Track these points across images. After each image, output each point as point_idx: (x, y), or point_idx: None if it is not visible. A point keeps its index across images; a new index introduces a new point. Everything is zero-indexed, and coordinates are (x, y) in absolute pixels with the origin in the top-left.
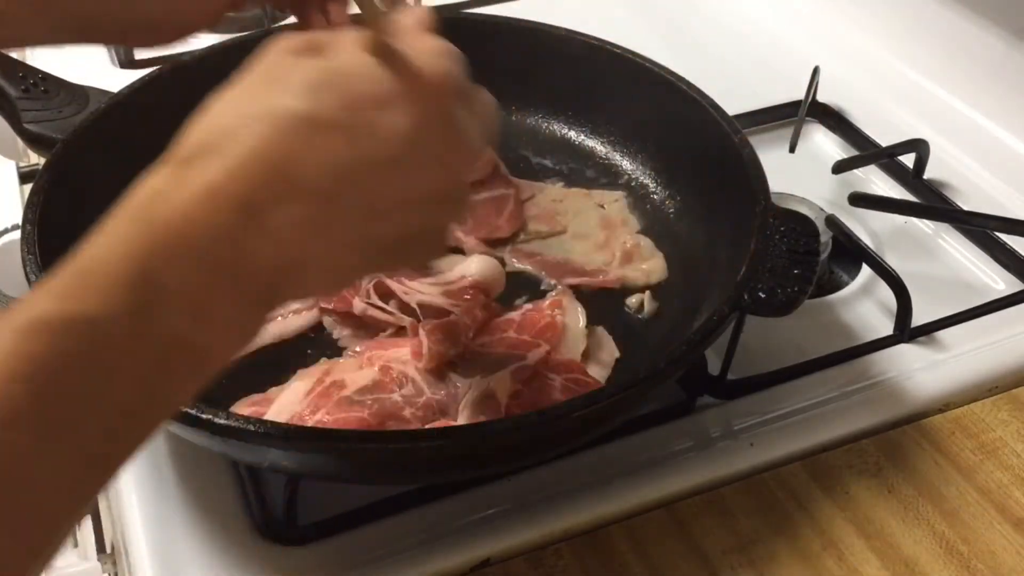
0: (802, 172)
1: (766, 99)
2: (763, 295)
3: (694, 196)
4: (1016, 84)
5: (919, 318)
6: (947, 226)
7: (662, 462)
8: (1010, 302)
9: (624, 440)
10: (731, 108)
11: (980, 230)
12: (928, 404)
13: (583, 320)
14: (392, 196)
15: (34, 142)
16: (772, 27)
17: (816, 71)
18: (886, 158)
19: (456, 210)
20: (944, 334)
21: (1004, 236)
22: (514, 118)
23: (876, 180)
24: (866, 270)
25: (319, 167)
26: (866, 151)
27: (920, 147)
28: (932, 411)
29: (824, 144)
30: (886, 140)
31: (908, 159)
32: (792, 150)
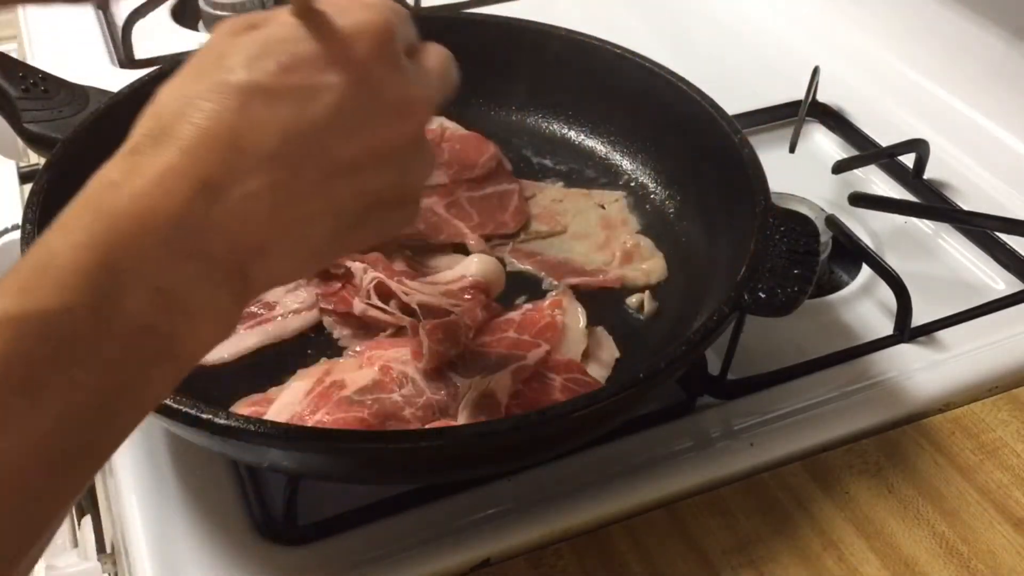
0: (802, 172)
1: (766, 99)
2: (763, 295)
3: (694, 196)
4: (1016, 84)
5: (919, 318)
6: (947, 226)
7: (662, 462)
8: (1010, 302)
9: (624, 440)
10: (731, 108)
11: (980, 230)
12: (928, 404)
13: (583, 320)
14: (347, 154)
15: (34, 142)
16: (772, 27)
17: (816, 71)
18: (886, 158)
19: (419, 166)
20: (944, 334)
21: (1004, 236)
22: (514, 118)
23: (876, 180)
24: (866, 270)
25: (270, 135)
26: (866, 151)
27: (920, 147)
28: (932, 411)
29: (824, 144)
30: (886, 140)
31: (908, 159)
32: (792, 150)
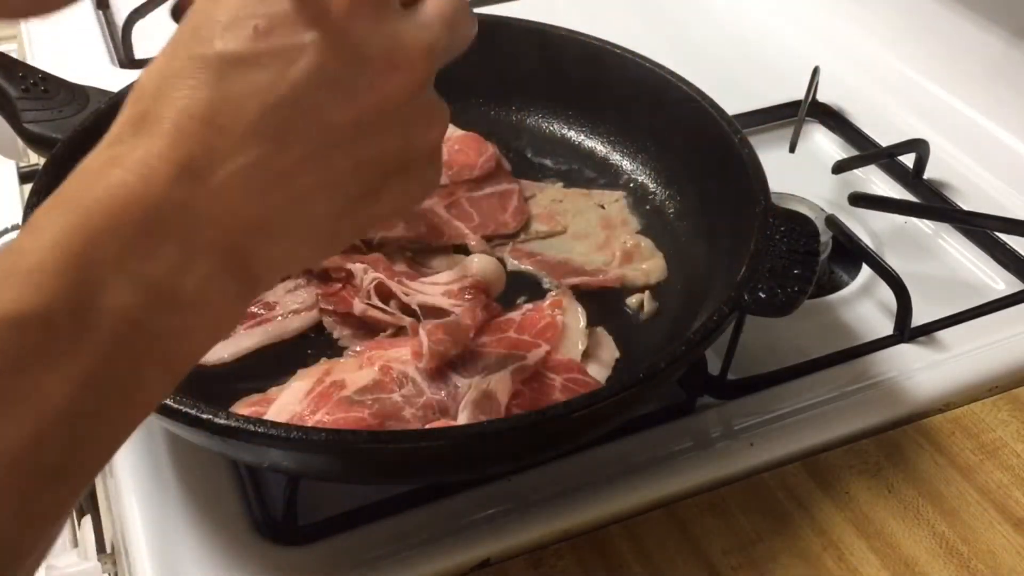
0: (802, 172)
1: (766, 99)
2: (763, 295)
3: (694, 196)
4: (1016, 84)
5: (919, 318)
6: (947, 226)
7: (662, 462)
8: (1010, 302)
9: (624, 440)
10: (731, 108)
11: (980, 230)
12: (928, 404)
13: (583, 320)
14: (337, 119)
15: (34, 142)
16: (772, 27)
17: (816, 71)
18: (886, 158)
19: (423, 123)
20: (944, 334)
21: (1004, 236)
22: (514, 118)
23: (876, 180)
24: (866, 270)
25: (249, 108)
26: (866, 151)
27: (920, 147)
28: (932, 411)
29: (824, 144)
30: (886, 140)
31: (908, 159)
32: (792, 150)
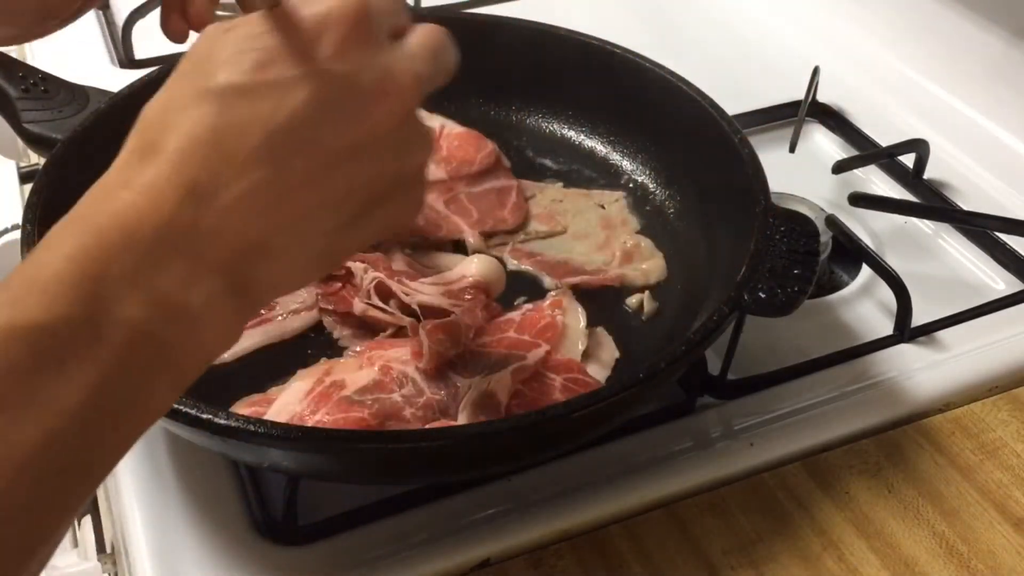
0: (802, 172)
1: (766, 99)
2: (763, 295)
3: (694, 196)
4: (1016, 84)
5: (919, 318)
6: (947, 226)
7: (662, 462)
8: (1010, 302)
9: (624, 440)
10: (731, 108)
11: (980, 230)
12: (928, 404)
13: (583, 320)
14: (334, 143)
15: (34, 142)
16: (772, 27)
17: (816, 71)
18: (886, 158)
19: (413, 147)
20: (944, 334)
21: (1004, 236)
22: (514, 118)
23: (876, 180)
24: (866, 270)
25: (251, 134)
26: (866, 151)
27: (920, 147)
28: (932, 411)
29: (824, 144)
30: (886, 140)
31: (908, 159)
32: (792, 150)
